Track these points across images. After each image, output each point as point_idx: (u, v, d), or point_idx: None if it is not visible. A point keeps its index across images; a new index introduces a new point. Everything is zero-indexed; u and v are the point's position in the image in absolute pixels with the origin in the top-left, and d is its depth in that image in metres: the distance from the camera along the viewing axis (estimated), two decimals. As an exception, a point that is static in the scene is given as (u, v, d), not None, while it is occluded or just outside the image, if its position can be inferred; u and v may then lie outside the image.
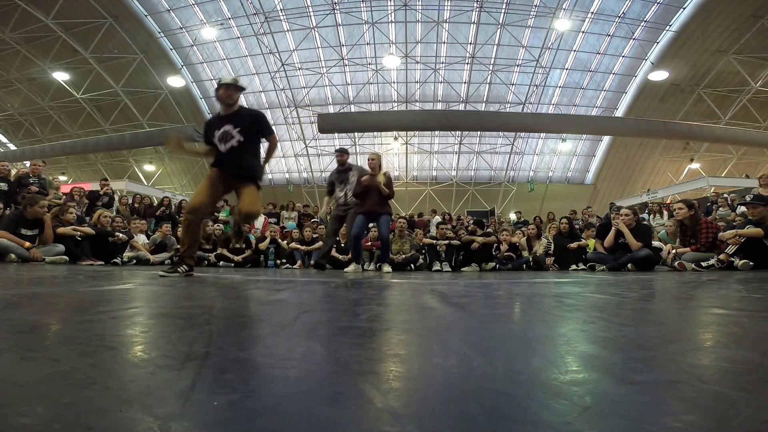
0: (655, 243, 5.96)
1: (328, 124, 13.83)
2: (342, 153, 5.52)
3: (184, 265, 3.03)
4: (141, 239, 6.52)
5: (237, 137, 3.07)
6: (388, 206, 4.92)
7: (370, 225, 5.33)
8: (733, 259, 4.30)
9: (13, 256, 4.45)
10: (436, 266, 6.16)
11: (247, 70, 18.46)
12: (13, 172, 7.64)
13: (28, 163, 10.39)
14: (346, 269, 4.86)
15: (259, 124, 3.19)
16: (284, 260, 7.09)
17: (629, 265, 5.06)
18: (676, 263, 4.77)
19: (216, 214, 9.02)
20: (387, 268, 4.86)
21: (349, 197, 5.17)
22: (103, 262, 5.17)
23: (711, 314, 1.28)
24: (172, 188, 19.62)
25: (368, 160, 4.97)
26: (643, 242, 5.11)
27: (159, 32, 16.41)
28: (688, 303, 1.66)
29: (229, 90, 3.10)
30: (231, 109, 3.15)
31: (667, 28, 15.70)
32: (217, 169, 3.17)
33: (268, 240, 7.19)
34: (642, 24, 15.85)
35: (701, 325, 1.12)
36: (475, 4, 15.29)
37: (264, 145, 3.30)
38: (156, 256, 6.42)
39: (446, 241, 6.42)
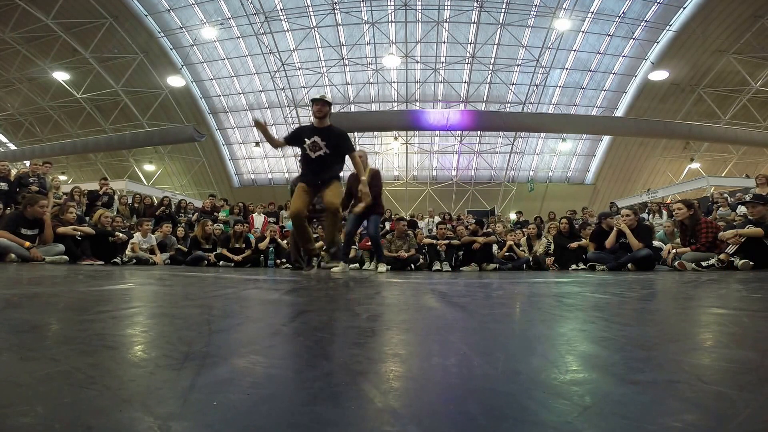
0: (655, 243, 5.97)
1: (328, 124, 13.80)
2: None
3: (314, 258, 3.58)
4: (152, 240, 6.51)
5: (324, 149, 3.56)
6: (379, 205, 4.85)
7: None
8: (733, 258, 4.30)
9: (13, 255, 4.45)
10: (436, 266, 6.16)
11: (247, 70, 18.46)
12: (14, 172, 7.63)
13: (28, 163, 10.40)
14: (333, 268, 4.68)
15: (343, 143, 3.65)
16: (284, 260, 7.08)
17: (629, 265, 5.06)
18: (676, 263, 4.76)
19: (216, 214, 9.03)
20: (382, 267, 4.86)
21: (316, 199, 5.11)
22: (103, 262, 5.17)
23: (711, 314, 1.28)
24: (172, 188, 19.62)
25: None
26: (644, 242, 5.11)
27: (159, 32, 16.41)
28: (688, 303, 1.66)
29: (318, 104, 3.56)
30: (322, 123, 3.61)
31: (667, 28, 15.71)
32: (304, 183, 3.62)
33: (267, 240, 7.19)
34: (642, 24, 15.85)
35: (701, 324, 1.12)
36: (475, 4, 15.28)
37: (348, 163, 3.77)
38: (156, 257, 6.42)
39: (446, 241, 6.42)
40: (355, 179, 4.80)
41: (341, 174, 4.68)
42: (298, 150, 3.78)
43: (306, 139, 3.62)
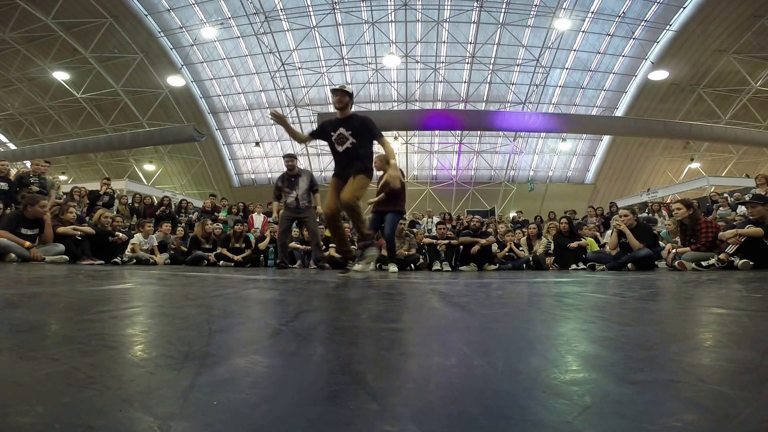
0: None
1: (328, 124, 13.81)
2: (291, 158, 5.62)
3: (349, 261, 3.48)
4: (153, 240, 6.52)
5: (350, 140, 3.44)
6: (399, 204, 4.86)
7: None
8: (733, 258, 4.30)
9: (13, 255, 4.45)
10: (436, 266, 6.16)
11: (247, 70, 18.46)
12: (13, 171, 7.63)
13: (28, 163, 10.40)
14: (355, 268, 4.86)
15: (368, 128, 3.46)
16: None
17: (629, 265, 5.06)
18: (676, 263, 4.77)
19: (216, 213, 9.02)
20: (393, 267, 4.84)
21: (300, 202, 5.38)
22: (103, 262, 5.17)
23: (711, 314, 1.28)
24: (172, 188, 19.62)
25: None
26: (645, 242, 5.11)
27: (159, 32, 16.41)
28: (688, 303, 1.65)
29: (337, 95, 3.45)
30: (344, 113, 3.51)
31: (667, 28, 15.70)
32: (336, 177, 3.51)
33: (267, 240, 7.19)
34: (642, 23, 15.85)
35: (701, 324, 1.12)
36: (475, 4, 15.28)
37: (378, 149, 3.59)
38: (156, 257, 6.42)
39: (446, 241, 6.42)
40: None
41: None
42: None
43: (332, 133, 3.51)
